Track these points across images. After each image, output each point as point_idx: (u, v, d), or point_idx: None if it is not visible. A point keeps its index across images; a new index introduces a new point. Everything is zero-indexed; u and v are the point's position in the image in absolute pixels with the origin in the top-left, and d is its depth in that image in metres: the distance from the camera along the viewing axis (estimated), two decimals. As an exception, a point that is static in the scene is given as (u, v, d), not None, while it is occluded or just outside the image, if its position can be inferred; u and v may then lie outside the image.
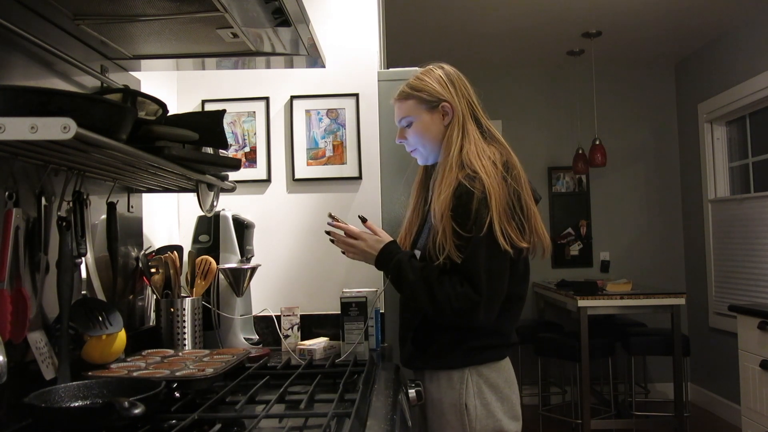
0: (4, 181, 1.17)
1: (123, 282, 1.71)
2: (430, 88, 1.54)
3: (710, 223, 4.60)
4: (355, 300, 1.89)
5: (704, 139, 4.64)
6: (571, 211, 5.08)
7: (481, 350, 1.49)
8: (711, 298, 4.58)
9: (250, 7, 1.30)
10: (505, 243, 1.39)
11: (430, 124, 1.56)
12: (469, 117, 1.54)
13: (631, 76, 5.10)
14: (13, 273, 1.16)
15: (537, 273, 5.01)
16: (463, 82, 1.57)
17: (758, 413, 2.82)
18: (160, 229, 2.08)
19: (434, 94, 1.54)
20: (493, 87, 5.02)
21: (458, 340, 1.48)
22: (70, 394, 1.14)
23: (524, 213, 1.45)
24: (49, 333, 1.29)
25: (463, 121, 1.53)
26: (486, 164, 1.45)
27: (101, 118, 1.04)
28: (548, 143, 5.09)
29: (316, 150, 2.24)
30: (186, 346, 1.74)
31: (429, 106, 1.55)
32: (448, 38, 4.37)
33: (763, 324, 2.75)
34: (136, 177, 1.51)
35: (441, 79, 1.55)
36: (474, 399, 1.46)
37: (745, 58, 4.12)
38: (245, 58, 1.66)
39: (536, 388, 4.45)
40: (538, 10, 3.90)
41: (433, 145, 1.57)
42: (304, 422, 1.15)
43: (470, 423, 1.46)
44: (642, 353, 4.10)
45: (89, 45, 1.51)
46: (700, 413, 4.56)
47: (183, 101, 2.26)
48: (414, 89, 1.57)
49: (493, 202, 1.39)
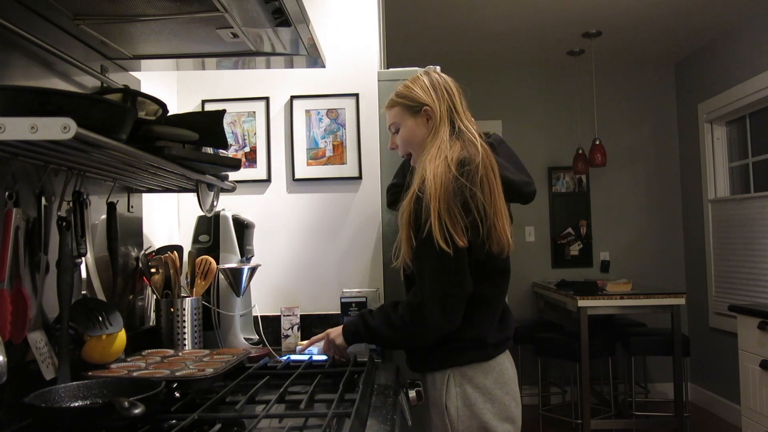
0: (4, 181, 1.17)
1: (123, 282, 1.71)
2: (413, 94, 1.58)
3: (710, 223, 4.60)
4: (355, 300, 1.89)
5: (704, 139, 4.64)
6: (571, 211, 5.08)
7: (459, 351, 1.48)
8: (711, 298, 4.58)
9: (250, 7, 1.30)
10: (444, 244, 1.38)
11: (415, 129, 1.59)
12: (445, 119, 1.55)
13: (631, 76, 5.10)
14: (13, 273, 1.16)
15: (537, 273, 5.01)
16: (446, 87, 1.58)
17: (758, 413, 2.82)
18: (160, 229, 2.08)
19: (416, 100, 1.58)
20: (493, 87, 5.02)
21: (438, 343, 1.48)
22: (70, 394, 1.14)
23: (478, 211, 1.42)
24: (49, 333, 1.29)
25: (439, 125, 1.54)
26: (437, 165, 1.45)
27: (101, 118, 1.04)
28: (548, 143, 5.09)
29: (316, 150, 2.24)
30: (186, 346, 1.74)
31: (412, 112, 1.59)
32: (448, 38, 4.36)
33: (763, 324, 2.75)
34: (136, 177, 1.51)
35: (424, 85, 1.59)
36: (455, 400, 1.46)
37: (745, 58, 4.12)
38: (245, 58, 1.66)
39: (536, 388, 4.45)
40: (538, 10, 3.90)
41: (420, 148, 1.59)
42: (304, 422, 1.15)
43: (451, 423, 1.46)
44: (642, 353, 4.10)
45: (89, 45, 1.51)
46: (700, 413, 4.56)
47: (183, 101, 2.26)
48: (399, 96, 1.62)
49: (432, 202, 1.39)
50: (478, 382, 1.48)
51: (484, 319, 1.51)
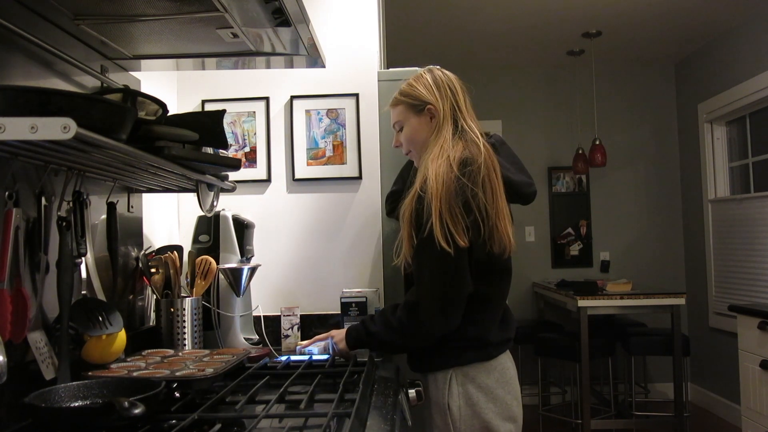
0: (4, 181, 1.17)
1: (123, 282, 1.71)
2: (416, 92, 1.58)
3: (710, 223, 4.60)
4: (355, 300, 1.89)
5: (704, 139, 4.64)
6: (571, 211, 5.08)
7: (461, 351, 1.48)
8: (711, 298, 4.58)
9: (250, 7, 1.30)
10: (445, 244, 1.38)
11: (418, 127, 1.59)
12: (448, 118, 1.54)
13: (631, 76, 5.10)
14: (13, 273, 1.16)
15: (537, 273, 5.01)
16: (449, 85, 1.58)
17: (758, 413, 2.82)
18: (160, 229, 2.08)
19: (420, 98, 1.57)
20: (493, 87, 5.02)
21: (439, 343, 1.48)
22: (70, 394, 1.14)
23: (479, 211, 1.42)
24: (49, 333, 1.29)
25: (442, 124, 1.54)
26: (440, 164, 1.45)
27: (101, 118, 1.04)
28: (548, 143, 5.09)
29: (316, 150, 2.24)
30: (186, 346, 1.74)
31: (416, 110, 1.59)
32: (448, 38, 4.36)
33: (763, 324, 2.75)
34: (136, 177, 1.51)
35: (427, 83, 1.58)
36: (458, 399, 1.46)
37: (745, 58, 4.12)
38: (245, 58, 1.66)
39: (536, 388, 4.45)
40: (538, 10, 3.90)
41: (423, 147, 1.59)
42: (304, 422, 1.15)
43: (454, 423, 1.46)
44: (642, 353, 4.10)
45: (89, 45, 1.51)
46: (700, 413, 4.56)
47: (183, 101, 2.26)
48: (402, 95, 1.61)
49: (434, 202, 1.39)
50: (480, 381, 1.48)
51: (485, 318, 1.51)
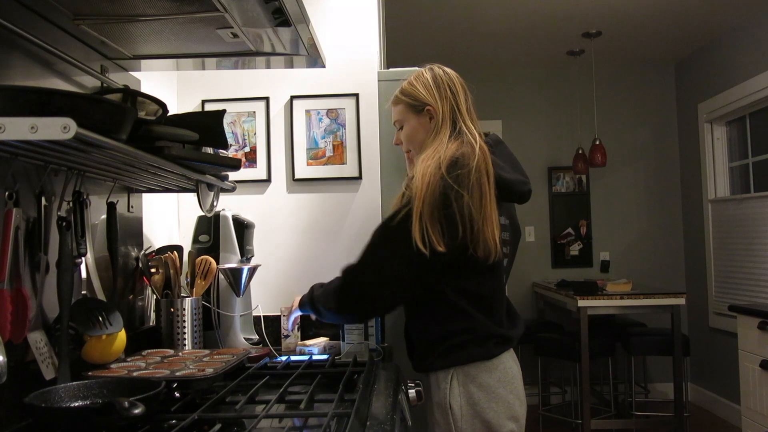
0: (4, 181, 1.17)
1: (123, 282, 1.71)
2: (416, 92, 1.58)
3: (710, 223, 4.60)
4: (355, 300, 1.89)
5: (704, 139, 4.64)
6: (571, 211, 5.08)
7: (459, 349, 1.47)
8: (711, 298, 4.58)
9: (250, 7, 1.30)
10: (422, 245, 1.37)
11: (417, 127, 1.58)
12: (447, 120, 1.54)
13: (631, 76, 5.09)
14: (13, 273, 1.16)
15: (537, 273, 5.01)
16: (449, 84, 1.57)
17: (758, 413, 2.82)
18: (160, 229, 2.08)
19: (419, 99, 1.57)
20: (493, 87, 5.02)
21: (436, 342, 1.48)
22: (70, 394, 1.14)
23: (461, 214, 1.40)
24: (49, 333, 1.29)
25: (440, 125, 1.54)
26: (429, 164, 1.44)
27: (101, 118, 1.04)
28: (548, 143, 5.09)
29: (316, 150, 2.24)
30: (186, 346, 1.74)
31: (415, 110, 1.58)
32: (448, 38, 4.36)
33: (763, 324, 2.75)
34: (136, 177, 1.51)
35: (427, 82, 1.57)
36: (459, 398, 1.45)
37: (745, 58, 4.12)
38: (245, 58, 1.66)
39: (536, 388, 4.45)
40: (538, 10, 3.90)
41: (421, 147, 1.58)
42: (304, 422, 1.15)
43: (455, 422, 1.45)
44: (642, 353, 4.10)
45: (89, 45, 1.50)
46: (700, 413, 4.56)
47: (183, 101, 2.26)
48: (403, 93, 1.61)
49: (416, 201, 1.39)
50: (481, 380, 1.47)
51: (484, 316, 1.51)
